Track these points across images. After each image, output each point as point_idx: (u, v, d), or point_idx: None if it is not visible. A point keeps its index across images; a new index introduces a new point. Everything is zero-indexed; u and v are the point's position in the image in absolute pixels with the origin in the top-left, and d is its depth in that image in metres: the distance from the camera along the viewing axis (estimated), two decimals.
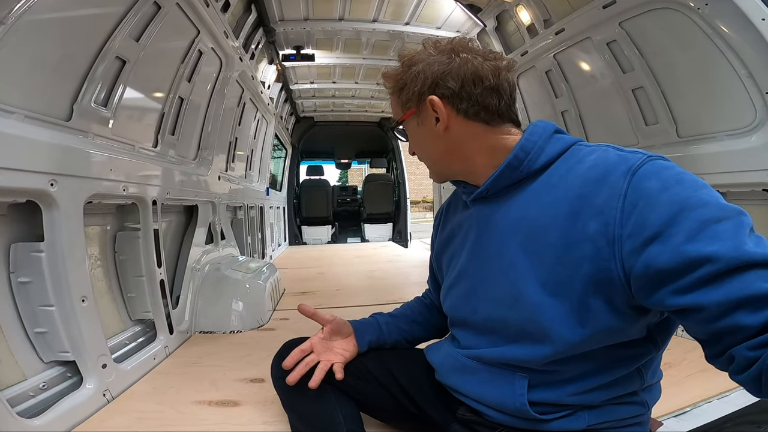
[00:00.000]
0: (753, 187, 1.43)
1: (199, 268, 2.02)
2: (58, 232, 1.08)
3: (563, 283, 0.61)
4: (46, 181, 1.03)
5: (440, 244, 0.89)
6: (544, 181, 0.67)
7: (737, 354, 0.48)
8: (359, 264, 4.15)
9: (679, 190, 0.53)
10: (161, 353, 1.53)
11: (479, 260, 0.74)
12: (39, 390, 1.08)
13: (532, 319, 0.64)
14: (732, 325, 0.48)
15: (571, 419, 0.67)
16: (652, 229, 0.52)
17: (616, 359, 0.65)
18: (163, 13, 1.54)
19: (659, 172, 0.55)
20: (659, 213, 0.52)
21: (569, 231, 0.60)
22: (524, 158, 0.68)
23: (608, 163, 0.60)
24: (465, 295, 0.77)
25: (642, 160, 0.57)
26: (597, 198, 0.58)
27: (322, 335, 0.92)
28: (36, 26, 1.03)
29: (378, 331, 0.95)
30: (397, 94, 0.77)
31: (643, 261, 0.53)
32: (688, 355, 1.36)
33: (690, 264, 0.49)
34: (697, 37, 1.51)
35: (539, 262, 0.63)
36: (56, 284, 1.09)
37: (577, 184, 0.61)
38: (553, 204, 0.63)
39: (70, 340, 1.12)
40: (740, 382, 0.50)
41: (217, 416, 1.13)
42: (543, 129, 0.70)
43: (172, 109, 1.81)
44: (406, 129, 0.79)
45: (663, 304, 0.53)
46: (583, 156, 0.65)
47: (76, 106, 1.21)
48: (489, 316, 0.72)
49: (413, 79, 0.72)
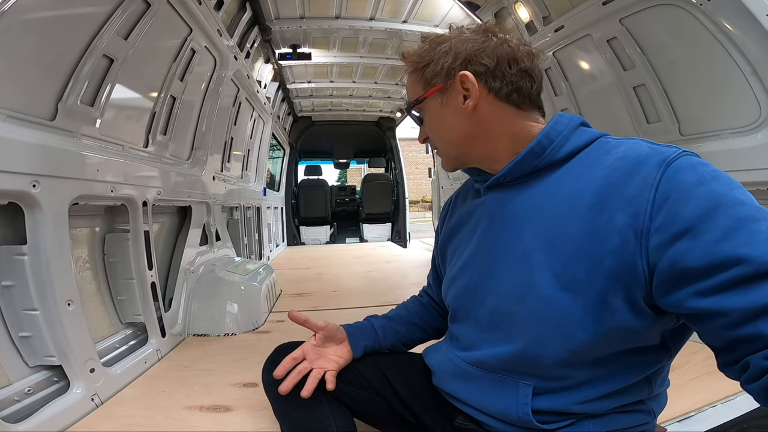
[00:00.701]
0: (758, 186, 1.40)
1: (192, 270, 1.99)
2: (41, 234, 1.05)
3: (579, 278, 0.57)
4: (27, 182, 1.00)
5: (447, 233, 0.85)
6: (566, 171, 0.64)
7: (753, 363, 0.46)
8: (357, 264, 4.13)
9: (715, 186, 0.50)
10: (153, 357, 1.50)
11: (489, 250, 0.71)
12: (24, 395, 1.06)
13: (541, 315, 0.61)
14: (753, 333, 0.45)
15: (575, 428, 0.64)
16: (683, 224, 0.49)
17: (628, 365, 0.61)
18: (153, 10, 1.51)
19: (695, 167, 0.52)
20: (693, 207, 0.49)
21: (593, 222, 0.57)
22: (548, 146, 0.65)
23: (640, 154, 0.56)
24: (470, 287, 0.73)
25: (677, 153, 0.54)
26: (627, 189, 0.54)
27: (314, 342, 0.89)
28: (19, 24, 1.00)
29: (373, 335, 0.92)
30: (419, 72, 0.72)
31: (669, 256, 0.50)
32: (692, 357, 1.33)
33: (720, 264, 0.47)
34: (699, 33, 1.48)
35: (555, 254, 0.60)
36: (40, 288, 1.07)
37: (603, 174, 0.58)
38: (576, 194, 0.60)
39: (55, 344, 1.09)
40: (751, 391, 0.47)
41: (208, 422, 1.11)
42: (569, 119, 0.67)
43: (164, 108, 1.78)
44: (425, 109, 0.74)
45: (682, 305, 0.50)
46: (611, 147, 0.62)
47: (60, 105, 1.19)
48: (495, 310, 0.68)
49: (443, 54, 0.69)
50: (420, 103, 0.73)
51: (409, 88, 0.76)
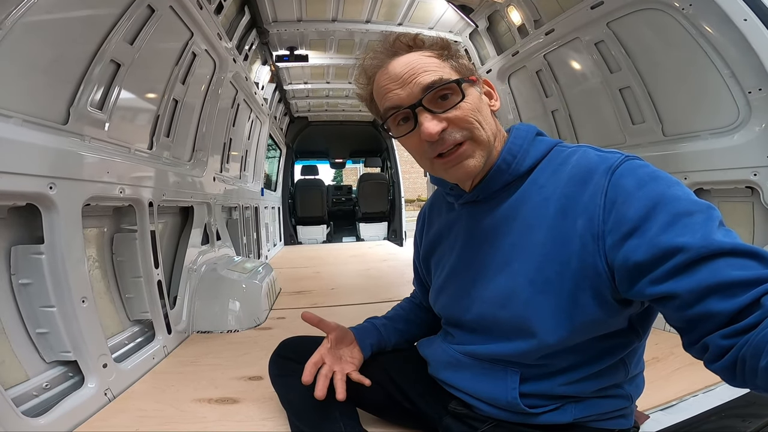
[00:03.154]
0: (736, 184, 1.47)
1: (195, 269, 2.04)
2: (57, 234, 1.09)
3: (552, 280, 0.64)
4: (45, 184, 1.05)
5: (427, 246, 0.91)
6: (531, 182, 0.70)
7: (711, 343, 0.51)
8: (354, 263, 4.17)
9: (653, 186, 0.57)
10: (160, 353, 1.54)
11: (470, 261, 0.77)
12: (42, 389, 1.09)
13: (523, 317, 0.67)
14: (704, 311, 0.50)
15: (559, 413, 0.70)
16: (629, 224, 0.56)
17: (602, 349, 0.68)
18: (156, 16, 1.55)
19: (635, 170, 0.59)
20: (636, 209, 0.56)
21: (558, 229, 0.63)
22: (512, 161, 0.71)
23: (590, 163, 0.63)
24: (456, 296, 0.79)
25: (620, 160, 0.61)
26: (582, 196, 0.61)
27: (329, 345, 0.91)
28: (32, 30, 1.04)
29: (377, 334, 0.97)
30: (443, 58, 0.68)
31: (623, 254, 0.56)
32: (675, 349, 1.40)
33: (663, 254, 0.53)
34: (681, 37, 1.54)
35: (529, 261, 0.66)
36: (56, 285, 1.10)
37: (563, 184, 0.65)
38: (542, 204, 0.66)
39: (71, 340, 1.13)
40: (714, 370, 0.52)
41: (216, 413, 1.15)
42: (526, 132, 0.73)
43: (167, 111, 1.82)
44: (466, 91, 0.67)
45: (643, 294, 0.56)
46: (566, 157, 0.68)
47: (72, 110, 1.23)
48: (481, 316, 0.74)
49: (462, 54, 0.73)
50: (468, 82, 0.67)
51: (432, 65, 0.67)
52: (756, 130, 1.41)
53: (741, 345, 0.47)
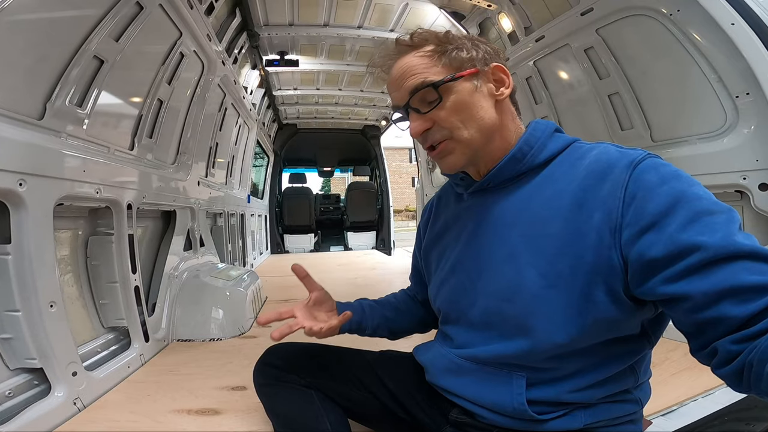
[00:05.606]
0: (725, 188, 1.48)
1: (177, 275, 1.96)
2: (26, 234, 1.03)
3: (564, 274, 0.61)
4: (14, 180, 0.99)
5: (431, 237, 0.87)
6: (545, 175, 0.68)
7: (720, 347, 0.49)
8: (342, 272, 4.11)
9: (675, 184, 0.55)
10: (136, 361, 1.47)
11: (476, 252, 0.73)
12: (4, 398, 1.03)
13: (531, 312, 0.63)
14: (717, 315, 0.49)
15: (568, 419, 0.66)
16: (648, 219, 0.54)
17: (612, 355, 0.65)
18: (145, 13, 1.51)
19: (658, 168, 0.58)
20: (656, 204, 0.54)
21: (573, 222, 0.61)
22: (528, 152, 0.69)
23: (610, 158, 0.62)
24: (460, 289, 0.75)
25: (642, 156, 0.60)
26: (601, 190, 0.60)
27: (306, 302, 0.87)
28: (10, 23, 0.99)
29: (360, 312, 0.92)
30: (438, 54, 0.69)
31: (638, 248, 0.55)
32: (670, 354, 1.39)
33: (681, 252, 0.51)
34: (669, 43, 1.56)
35: (539, 254, 0.63)
36: (23, 288, 1.04)
37: (580, 177, 0.63)
38: (556, 197, 0.64)
39: (37, 346, 1.06)
40: (721, 375, 0.51)
41: (196, 425, 1.09)
42: (545, 126, 0.72)
43: (151, 111, 1.77)
44: (450, 90, 0.68)
45: (654, 292, 0.54)
46: (584, 152, 0.67)
47: (49, 105, 1.17)
48: (486, 310, 0.70)
49: (470, 43, 0.70)
50: (454, 81, 0.67)
51: (420, 68, 0.69)
52: (744, 134, 1.42)
53: (750, 350, 0.46)
